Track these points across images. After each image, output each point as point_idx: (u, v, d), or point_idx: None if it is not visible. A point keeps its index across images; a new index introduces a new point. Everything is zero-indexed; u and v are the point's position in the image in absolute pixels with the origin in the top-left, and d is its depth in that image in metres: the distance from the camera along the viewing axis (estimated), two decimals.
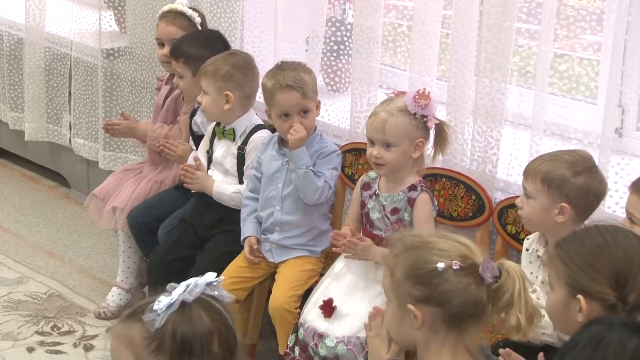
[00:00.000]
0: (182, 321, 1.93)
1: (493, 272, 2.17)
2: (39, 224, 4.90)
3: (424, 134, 3.18)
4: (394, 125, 3.14)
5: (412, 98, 3.12)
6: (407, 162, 3.19)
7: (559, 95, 3.55)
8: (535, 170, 2.85)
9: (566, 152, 2.95)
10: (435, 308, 2.18)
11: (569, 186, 2.82)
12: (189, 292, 1.94)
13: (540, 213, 2.86)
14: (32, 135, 5.27)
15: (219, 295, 1.99)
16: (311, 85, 3.47)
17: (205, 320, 1.94)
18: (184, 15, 4.02)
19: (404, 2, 3.99)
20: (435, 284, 2.17)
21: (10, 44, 5.35)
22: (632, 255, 2.26)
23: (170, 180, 4.07)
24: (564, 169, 2.83)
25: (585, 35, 3.52)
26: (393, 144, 3.15)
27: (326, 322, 3.18)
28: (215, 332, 1.94)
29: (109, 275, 4.27)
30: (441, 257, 2.18)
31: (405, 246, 2.25)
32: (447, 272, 2.16)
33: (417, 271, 2.19)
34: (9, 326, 3.96)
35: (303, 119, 3.44)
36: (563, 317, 2.33)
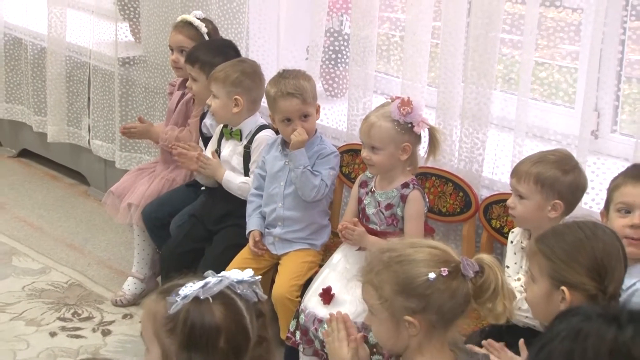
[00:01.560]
0: (194, 312, 1.91)
1: (473, 267, 2.16)
2: (60, 218, 4.89)
3: (411, 138, 3.17)
4: (379, 131, 3.15)
5: (396, 106, 3.12)
6: (396, 164, 3.19)
7: (539, 100, 3.55)
8: (527, 173, 2.84)
9: (550, 153, 2.95)
10: (432, 314, 2.16)
11: (561, 184, 2.82)
12: (206, 290, 1.92)
13: (534, 211, 2.85)
14: (54, 137, 5.26)
15: (246, 294, 1.96)
16: (310, 91, 3.46)
17: (216, 315, 1.91)
18: (191, 25, 4.02)
19: (396, 14, 3.99)
20: (429, 293, 2.15)
21: (34, 52, 5.34)
22: (610, 248, 2.26)
23: (181, 178, 4.06)
24: (554, 169, 2.83)
25: (564, 45, 3.52)
26: (379, 148, 3.16)
27: (325, 308, 3.18)
28: (224, 329, 1.91)
29: (125, 266, 4.27)
30: (427, 267, 2.16)
31: (385, 263, 2.21)
32: (438, 280, 2.14)
33: (409, 285, 2.16)
34: (33, 313, 3.96)
35: (304, 123, 3.44)
36: (545, 308, 2.32)
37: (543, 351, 1.13)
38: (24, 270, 4.32)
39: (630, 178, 2.66)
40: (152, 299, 2.02)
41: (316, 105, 3.51)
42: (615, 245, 2.28)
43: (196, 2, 4.31)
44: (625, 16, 3.21)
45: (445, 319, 2.16)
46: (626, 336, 1.10)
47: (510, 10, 3.43)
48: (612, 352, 1.09)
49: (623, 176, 2.72)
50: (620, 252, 2.28)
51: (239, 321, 1.94)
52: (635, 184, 2.63)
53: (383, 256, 2.23)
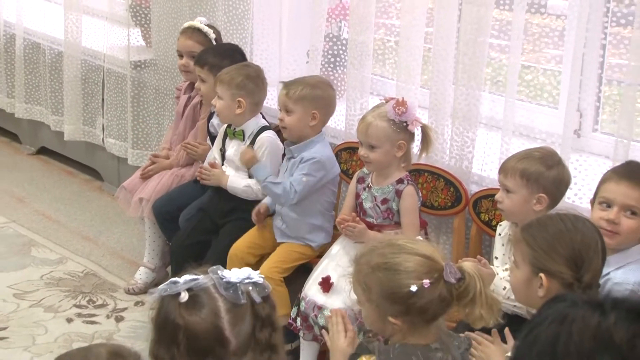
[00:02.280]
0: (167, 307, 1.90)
1: (455, 275, 2.16)
2: (76, 212, 4.89)
3: (405, 136, 3.17)
4: (376, 130, 3.14)
5: (392, 106, 3.12)
6: (392, 160, 3.19)
7: (525, 101, 3.54)
8: (513, 168, 2.85)
9: (535, 150, 2.96)
10: (414, 317, 2.18)
11: (545, 179, 2.82)
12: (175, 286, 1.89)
13: (521, 204, 2.85)
14: (71, 136, 5.26)
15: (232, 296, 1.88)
16: (305, 92, 3.43)
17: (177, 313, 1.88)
18: (200, 31, 4.02)
19: (391, 21, 3.98)
20: (412, 302, 2.16)
21: (52, 56, 5.33)
22: (588, 240, 2.26)
23: (190, 174, 4.06)
24: (538, 165, 2.84)
25: (549, 49, 3.52)
26: (376, 146, 3.15)
27: (324, 296, 3.18)
28: (183, 327, 1.87)
29: (137, 257, 4.26)
30: (411, 279, 2.16)
31: (372, 267, 2.21)
32: (420, 291, 2.15)
33: (393, 295, 2.17)
34: (51, 300, 3.95)
35: (285, 116, 3.44)
36: (525, 292, 2.33)
37: (531, 334, 1.13)
38: (42, 261, 4.32)
39: (616, 175, 2.67)
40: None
41: (307, 110, 3.44)
42: (594, 238, 2.28)
43: (203, 9, 4.30)
44: (606, 22, 3.21)
45: (426, 319, 2.18)
46: (609, 322, 1.09)
47: (498, 16, 3.43)
48: (595, 337, 1.09)
49: (612, 172, 2.73)
50: (598, 245, 2.28)
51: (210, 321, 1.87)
52: (618, 181, 2.63)
53: (372, 260, 2.23)
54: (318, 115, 3.45)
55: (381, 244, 2.28)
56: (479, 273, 2.20)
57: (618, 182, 2.63)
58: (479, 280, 2.17)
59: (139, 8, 4.82)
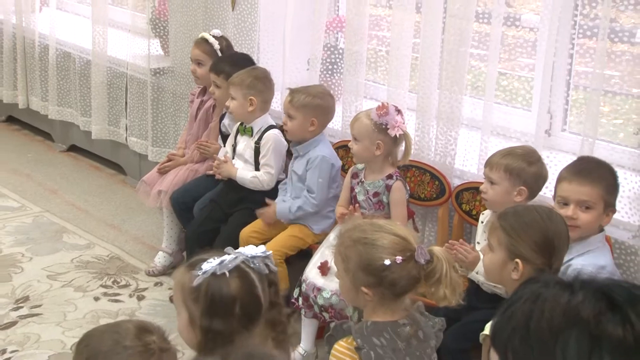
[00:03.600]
0: (214, 284, 1.92)
1: (425, 256, 2.16)
2: (102, 203, 4.88)
3: (384, 137, 3.15)
4: (358, 125, 3.18)
5: (375, 108, 3.13)
6: (371, 157, 3.19)
7: (502, 104, 3.54)
8: (498, 163, 2.84)
9: (517, 148, 2.97)
10: (384, 289, 2.18)
11: (526, 173, 2.82)
12: (222, 266, 1.92)
13: (503, 195, 2.84)
14: (97, 135, 5.25)
15: (258, 267, 1.96)
16: (306, 101, 3.42)
17: (232, 287, 1.91)
18: (206, 42, 4.01)
19: (383, 33, 3.98)
20: (384, 275, 2.16)
21: (81, 64, 5.32)
22: (559, 231, 2.26)
23: (203, 169, 4.05)
24: (520, 161, 2.84)
25: (522, 58, 3.52)
26: (357, 139, 3.18)
27: (323, 279, 3.18)
28: (238, 298, 1.92)
29: (156, 242, 4.26)
30: (385, 254, 2.16)
31: (353, 241, 2.22)
32: (392, 265, 2.15)
33: (368, 266, 2.17)
34: (80, 281, 3.95)
35: (288, 121, 3.44)
36: (499, 274, 2.32)
37: (508, 311, 1.13)
38: (72, 246, 4.31)
39: (570, 174, 2.66)
40: (180, 271, 2.02)
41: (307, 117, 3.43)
42: (563, 229, 2.28)
43: (215, 22, 4.29)
44: (574, 34, 3.21)
45: (395, 292, 2.18)
46: (577, 300, 1.09)
47: (477, 29, 3.43)
48: (564, 313, 1.08)
49: (565, 171, 2.72)
50: (566, 235, 2.28)
51: (251, 291, 1.94)
52: (571, 181, 2.63)
53: (353, 234, 2.24)
54: (316, 122, 3.45)
55: (364, 222, 2.29)
56: (447, 257, 2.19)
57: (570, 181, 2.63)
58: (445, 263, 2.17)
59: (158, 21, 4.82)
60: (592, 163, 2.73)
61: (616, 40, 3.06)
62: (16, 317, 3.61)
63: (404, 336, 2.19)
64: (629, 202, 2.94)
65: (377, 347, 2.16)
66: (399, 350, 2.18)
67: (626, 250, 2.87)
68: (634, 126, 3.05)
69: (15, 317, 3.60)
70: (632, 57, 2.99)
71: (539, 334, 1.07)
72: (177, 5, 4.54)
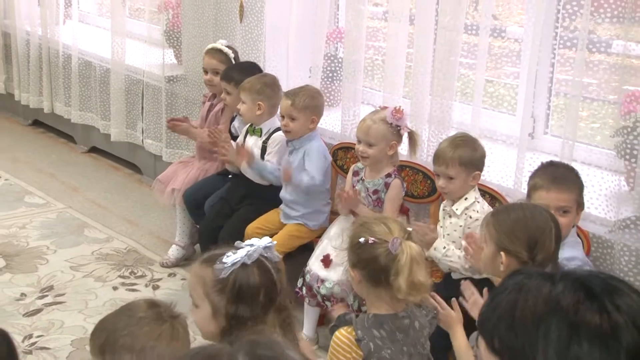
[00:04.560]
0: (241, 275, 1.92)
1: (395, 248, 2.14)
2: (120, 200, 4.88)
3: (397, 138, 3.17)
4: (375, 131, 3.13)
5: (390, 112, 3.12)
6: (384, 157, 3.18)
7: (489, 109, 3.54)
8: (452, 158, 2.86)
9: (457, 138, 2.96)
10: (362, 270, 2.18)
11: (476, 159, 2.88)
12: (249, 256, 1.93)
13: (462, 185, 2.88)
14: (116, 137, 5.24)
15: (271, 256, 1.97)
16: (307, 102, 3.41)
17: (257, 276, 1.92)
18: (221, 52, 4.00)
19: (379, 43, 3.98)
20: (359, 252, 2.18)
21: (101, 72, 5.32)
22: (543, 226, 2.25)
23: (213, 169, 4.04)
24: (468, 150, 2.87)
25: (508, 67, 3.52)
26: (374, 144, 3.14)
27: (325, 270, 3.17)
28: (262, 286, 1.92)
29: (170, 236, 4.25)
30: (366, 234, 2.17)
31: (356, 224, 2.25)
32: (365, 245, 2.15)
33: (351, 243, 2.20)
34: (100, 271, 3.95)
35: (290, 123, 3.41)
36: (491, 265, 2.32)
37: (494, 301, 1.13)
38: (93, 239, 4.31)
39: (546, 183, 2.63)
40: (198, 267, 2.00)
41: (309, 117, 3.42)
42: (548, 225, 2.26)
43: (224, 33, 4.29)
44: (555, 45, 3.21)
45: (371, 276, 2.17)
46: (558, 290, 1.09)
47: (466, 40, 3.42)
48: (546, 302, 1.08)
49: (539, 177, 2.67)
50: (552, 231, 2.25)
51: (271, 278, 1.95)
52: (549, 189, 2.61)
53: (364, 219, 2.29)
54: (316, 120, 3.45)
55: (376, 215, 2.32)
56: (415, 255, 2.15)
57: (548, 190, 2.61)
58: (407, 256, 2.13)
59: (172, 33, 4.81)
60: (561, 169, 2.71)
61: (594, 51, 3.06)
62: (41, 304, 3.61)
63: (403, 328, 2.19)
64: (606, 200, 2.93)
65: (376, 338, 2.16)
66: (397, 341, 2.18)
67: (603, 244, 2.87)
68: (610, 130, 3.04)
69: (40, 305, 3.61)
70: (608, 66, 2.99)
71: (523, 322, 1.07)
72: (190, 17, 4.54)
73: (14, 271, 3.91)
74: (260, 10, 4.11)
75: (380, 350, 2.15)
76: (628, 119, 2.90)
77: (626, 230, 2.79)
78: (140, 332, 1.77)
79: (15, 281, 3.81)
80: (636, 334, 1.04)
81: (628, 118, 2.90)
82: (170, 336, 1.78)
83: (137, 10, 5.66)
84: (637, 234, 2.78)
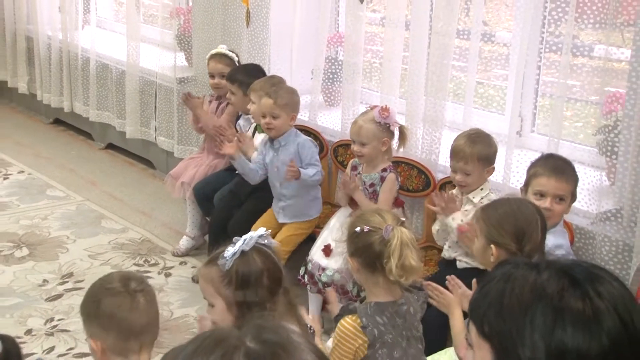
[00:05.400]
0: (242, 264, 1.91)
1: (388, 235, 2.13)
2: (135, 193, 4.88)
3: (388, 134, 3.15)
4: (366, 131, 3.12)
5: (378, 112, 3.10)
6: (379, 154, 3.17)
7: (479, 109, 3.53)
8: (471, 155, 2.84)
9: (472, 134, 2.92)
10: (359, 258, 2.16)
11: (492, 154, 2.86)
12: (246, 244, 1.92)
13: (478, 179, 2.86)
14: (131, 135, 5.23)
15: (268, 242, 1.97)
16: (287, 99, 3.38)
17: (258, 262, 1.92)
18: (226, 56, 3.99)
19: (377, 47, 3.97)
20: (355, 241, 2.16)
21: (117, 74, 5.31)
22: (529, 219, 2.24)
23: (221, 165, 4.03)
24: (485, 145, 2.85)
25: (497, 69, 3.51)
26: (366, 143, 3.13)
27: (326, 259, 3.17)
28: (265, 270, 1.92)
29: (181, 228, 4.24)
30: (361, 224, 2.15)
31: (353, 216, 2.25)
32: (361, 234, 2.14)
33: (348, 233, 2.19)
34: (116, 260, 3.94)
35: (272, 120, 3.37)
36: (482, 256, 2.31)
37: (483, 289, 1.12)
38: (109, 230, 4.30)
39: (547, 170, 2.64)
40: (204, 269, 2.00)
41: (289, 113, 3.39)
42: (534, 217, 2.25)
43: (232, 38, 4.28)
44: (541, 49, 3.20)
45: (367, 262, 2.15)
46: (543, 278, 1.08)
47: (458, 44, 3.42)
48: (532, 290, 1.08)
49: (540, 167, 2.68)
50: (538, 223, 2.25)
51: (273, 261, 1.95)
52: (549, 177, 2.62)
53: (356, 213, 2.29)
54: (295, 117, 3.45)
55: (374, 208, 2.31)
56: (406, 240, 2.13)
57: (549, 177, 2.61)
58: (398, 241, 2.11)
59: (183, 37, 4.80)
60: (560, 161, 2.72)
61: (577, 55, 3.06)
62: (62, 290, 3.61)
63: (401, 314, 2.19)
64: (588, 194, 2.93)
65: (379, 324, 2.15)
66: (398, 326, 2.18)
67: (586, 235, 2.87)
68: (592, 128, 3.04)
69: (61, 290, 3.61)
70: (591, 69, 2.98)
71: (511, 309, 1.07)
72: (200, 23, 4.53)
73: (37, 259, 3.91)
74: (265, 16, 4.10)
75: (383, 335, 2.16)
76: (609, 118, 2.90)
77: (607, 222, 2.79)
78: (105, 301, 1.91)
79: (38, 268, 3.82)
80: (617, 319, 1.04)
81: (609, 117, 2.90)
82: (130, 307, 1.89)
83: (150, 16, 5.65)
84: (617, 225, 2.78)
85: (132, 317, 1.89)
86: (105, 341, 1.89)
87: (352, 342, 2.16)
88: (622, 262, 2.75)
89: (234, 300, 1.91)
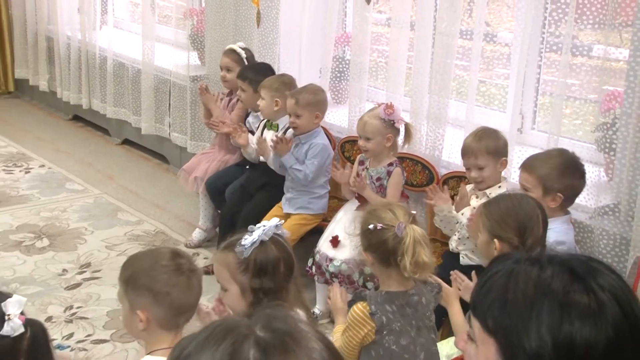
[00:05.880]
0: (260, 252, 1.92)
1: (401, 232, 2.12)
2: (150, 187, 4.88)
3: (393, 131, 3.13)
4: (370, 127, 3.11)
5: (383, 109, 3.09)
6: (383, 149, 3.15)
7: (481, 107, 3.51)
8: (479, 149, 2.81)
9: (479, 130, 2.89)
10: (373, 253, 2.15)
11: (501, 147, 2.82)
12: (265, 233, 1.93)
13: (493, 173, 2.82)
14: (146, 131, 5.23)
15: (282, 233, 1.98)
16: (310, 99, 3.35)
17: (275, 251, 1.93)
18: (235, 52, 3.97)
19: (383, 47, 3.95)
20: (369, 237, 2.15)
21: (133, 73, 5.31)
22: (531, 213, 2.23)
23: (233, 160, 4.02)
24: (492, 139, 2.82)
25: (499, 68, 3.49)
26: (371, 138, 3.11)
27: (333, 250, 3.16)
28: (281, 258, 1.93)
29: (194, 220, 4.24)
30: (374, 221, 2.14)
31: (365, 212, 2.23)
32: (375, 231, 2.13)
33: (362, 229, 2.18)
34: (132, 251, 3.90)
35: (296, 120, 3.36)
36: (485, 251, 2.30)
37: (486, 285, 1.10)
38: (125, 222, 4.31)
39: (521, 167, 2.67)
40: (220, 254, 2.00)
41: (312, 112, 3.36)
42: (535, 211, 2.24)
43: (243, 38, 4.26)
44: (542, 49, 3.19)
45: (382, 258, 2.14)
46: (547, 274, 1.07)
47: (461, 44, 3.40)
48: (536, 285, 1.06)
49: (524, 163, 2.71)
50: (539, 217, 2.23)
51: (287, 251, 1.96)
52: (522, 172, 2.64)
53: (374, 206, 2.26)
54: (320, 115, 3.42)
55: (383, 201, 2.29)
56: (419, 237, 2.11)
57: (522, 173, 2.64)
58: (411, 238, 2.10)
59: (196, 37, 4.80)
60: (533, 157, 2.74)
61: (577, 54, 3.03)
62: (81, 279, 3.62)
63: (412, 304, 2.18)
64: (587, 189, 2.90)
65: (388, 312, 2.15)
66: (407, 315, 2.17)
67: (584, 228, 2.85)
68: (591, 126, 3.02)
69: (80, 280, 3.61)
70: (589, 69, 2.95)
71: (515, 304, 1.05)
72: (212, 23, 4.52)
73: (57, 249, 3.92)
74: (275, 16, 4.08)
75: (391, 323, 2.15)
76: (607, 116, 2.88)
77: (605, 216, 2.78)
78: (160, 278, 1.85)
79: (57, 258, 3.82)
80: (618, 309, 1.03)
81: (607, 115, 2.88)
82: (185, 287, 1.87)
83: (165, 17, 5.64)
84: (615, 220, 2.77)
85: (186, 296, 1.87)
86: (153, 313, 1.85)
87: (361, 328, 2.16)
88: (620, 255, 2.74)
89: (249, 286, 1.92)
